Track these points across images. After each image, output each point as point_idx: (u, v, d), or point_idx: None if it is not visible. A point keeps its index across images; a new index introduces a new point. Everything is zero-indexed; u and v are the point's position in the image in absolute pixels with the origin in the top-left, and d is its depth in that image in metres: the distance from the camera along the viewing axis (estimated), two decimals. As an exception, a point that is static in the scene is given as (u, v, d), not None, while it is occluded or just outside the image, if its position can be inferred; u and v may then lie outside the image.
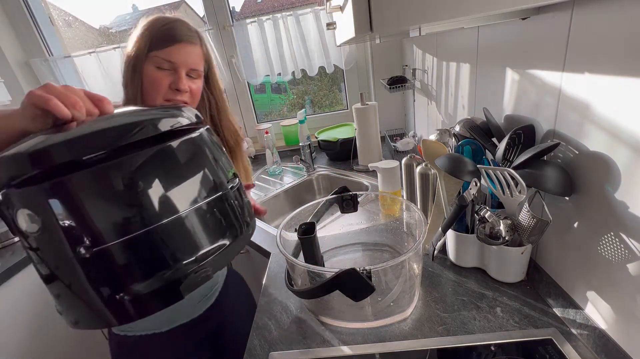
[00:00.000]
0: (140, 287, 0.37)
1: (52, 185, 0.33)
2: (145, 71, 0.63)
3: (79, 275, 0.35)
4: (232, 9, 1.64)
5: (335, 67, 1.69)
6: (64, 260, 0.35)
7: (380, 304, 0.65)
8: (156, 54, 0.62)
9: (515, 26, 0.63)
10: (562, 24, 0.51)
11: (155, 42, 0.61)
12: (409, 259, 0.63)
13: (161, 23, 0.63)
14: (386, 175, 0.96)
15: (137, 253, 0.37)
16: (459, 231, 0.71)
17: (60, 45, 1.74)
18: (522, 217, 0.58)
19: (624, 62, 0.42)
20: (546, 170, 0.56)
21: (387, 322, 0.63)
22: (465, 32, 0.85)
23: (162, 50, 0.61)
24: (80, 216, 0.34)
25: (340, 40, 0.79)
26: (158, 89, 0.64)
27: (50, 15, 1.71)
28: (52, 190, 0.33)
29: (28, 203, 0.34)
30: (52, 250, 0.35)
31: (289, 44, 1.61)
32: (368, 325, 0.64)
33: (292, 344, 0.63)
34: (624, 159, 0.44)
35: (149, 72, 0.63)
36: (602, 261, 0.50)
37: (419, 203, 0.81)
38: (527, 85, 0.62)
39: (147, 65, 0.63)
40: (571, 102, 0.52)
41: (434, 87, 1.18)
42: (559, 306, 0.60)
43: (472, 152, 0.71)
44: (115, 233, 0.35)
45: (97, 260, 0.35)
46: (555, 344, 0.54)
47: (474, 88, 0.85)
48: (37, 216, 0.34)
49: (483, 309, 0.63)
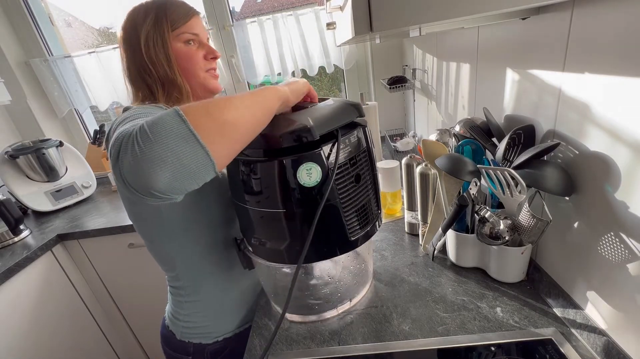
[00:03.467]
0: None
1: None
2: (177, 50, 0.64)
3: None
4: (232, 9, 1.64)
5: (335, 67, 1.69)
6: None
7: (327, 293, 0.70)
8: (181, 31, 0.63)
9: (515, 26, 0.63)
10: (562, 24, 0.51)
11: (176, 20, 0.62)
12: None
13: (168, 3, 0.63)
14: (386, 175, 0.96)
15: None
16: (459, 231, 0.71)
17: (60, 45, 1.74)
18: (522, 217, 0.58)
19: (624, 62, 0.42)
20: (546, 170, 0.56)
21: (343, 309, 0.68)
22: (465, 32, 0.85)
23: (185, 25, 0.63)
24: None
25: (340, 40, 0.79)
26: (196, 63, 0.66)
27: (50, 15, 1.71)
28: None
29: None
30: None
31: (289, 44, 1.61)
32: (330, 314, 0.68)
33: (292, 344, 0.63)
34: (624, 159, 0.44)
35: (181, 50, 0.64)
36: (602, 261, 0.50)
37: (419, 203, 0.81)
38: (527, 85, 0.62)
39: (175, 44, 0.63)
40: (571, 102, 0.52)
41: (434, 87, 1.18)
42: (559, 306, 0.60)
43: (472, 152, 0.71)
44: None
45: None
46: (555, 344, 0.54)
47: (474, 88, 0.85)
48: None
49: (483, 309, 0.63)
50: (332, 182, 0.50)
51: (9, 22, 1.60)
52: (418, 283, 0.72)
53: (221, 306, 0.73)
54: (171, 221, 0.64)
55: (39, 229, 1.35)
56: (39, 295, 1.19)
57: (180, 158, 0.36)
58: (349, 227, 0.55)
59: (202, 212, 0.65)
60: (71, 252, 1.33)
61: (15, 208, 1.28)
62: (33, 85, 1.68)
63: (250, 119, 0.42)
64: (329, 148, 0.50)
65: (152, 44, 0.61)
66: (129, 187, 0.36)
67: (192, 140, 0.36)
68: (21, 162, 1.43)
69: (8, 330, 1.08)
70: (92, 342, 1.37)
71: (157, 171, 0.35)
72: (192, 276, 0.70)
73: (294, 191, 0.50)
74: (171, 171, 0.36)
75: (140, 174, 0.35)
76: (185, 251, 0.67)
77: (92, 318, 1.38)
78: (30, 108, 1.66)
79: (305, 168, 0.49)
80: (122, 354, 1.50)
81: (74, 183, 1.56)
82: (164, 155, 0.35)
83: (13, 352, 1.09)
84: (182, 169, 0.36)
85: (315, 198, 0.51)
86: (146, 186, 0.36)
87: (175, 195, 0.38)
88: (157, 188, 0.36)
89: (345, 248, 0.57)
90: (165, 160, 0.35)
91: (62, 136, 1.82)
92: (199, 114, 0.38)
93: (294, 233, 0.54)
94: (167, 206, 0.61)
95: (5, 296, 1.08)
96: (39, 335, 1.18)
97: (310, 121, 0.47)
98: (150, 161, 0.35)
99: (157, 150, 0.35)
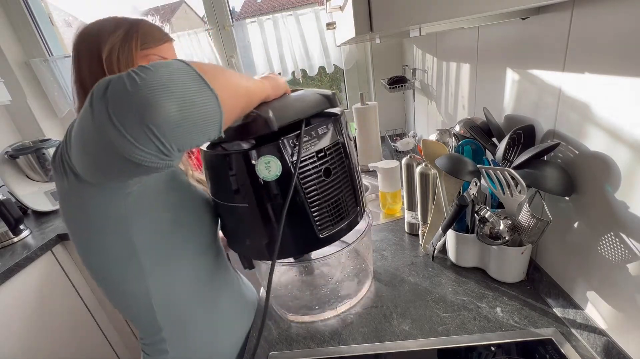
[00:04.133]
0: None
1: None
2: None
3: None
4: (232, 9, 1.64)
5: (335, 67, 1.69)
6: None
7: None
8: (151, 52, 0.59)
9: (515, 26, 0.63)
10: (562, 24, 0.51)
11: (148, 41, 0.59)
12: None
13: (143, 23, 0.60)
14: (386, 175, 0.96)
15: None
16: (459, 231, 0.71)
17: (60, 45, 1.74)
18: (522, 217, 0.58)
19: (624, 62, 0.42)
20: (546, 170, 0.56)
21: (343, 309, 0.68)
22: (465, 32, 0.85)
23: (156, 47, 0.60)
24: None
25: (340, 40, 0.79)
26: None
27: (50, 15, 1.71)
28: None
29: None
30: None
31: (289, 44, 1.61)
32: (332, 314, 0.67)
33: (292, 344, 0.63)
34: (624, 159, 0.44)
35: None
36: (602, 261, 0.50)
37: (419, 203, 0.81)
38: (527, 85, 0.62)
39: (139, 62, 0.59)
40: (571, 102, 0.52)
41: (434, 87, 1.18)
42: (559, 306, 0.60)
43: (472, 152, 0.71)
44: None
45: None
46: (555, 344, 0.54)
47: (474, 88, 0.85)
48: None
49: (483, 309, 0.63)
50: (296, 176, 0.48)
51: (9, 22, 1.60)
52: (418, 283, 0.72)
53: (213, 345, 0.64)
54: (149, 231, 0.51)
55: (39, 229, 1.35)
56: (39, 295, 1.19)
57: (189, 93, 0.31)
58: (318, 223, 0.53)
59: (191, 214, 0.58)
60: (71, 252, 1.33)
61: (15, 208, 1.28)
62: (33, 85, 1.68)
63: (245, 91, 0.41)
64: (291, 140, 0.48)
65: (116, 57, 0.56)
66: (116, 127, 0.29)
67: (201, 81, 0.32)
68: (21, 162, 1.43)
69: (8, 330, 1.08)
70: (92, 342, 1.37)
71: (162, 98, 0.29)
72: (177, 320, 0.59)
73: (256, 185, 0.49)
74: (178, 103, 0.30)
75: (139, 101, 0.28)
76: (166, 283, 0.56)
77: (92, 318, 1.38)
78: (30, 108, 1.66)
79: (264, 161, 0.47)
80: (122, 354, 1.50)
81: (74, 183, 1.56)
82: (170, 84, 0.30)
83: (13, 352, 1.09)
84: (191, 105, 0.31)
85: (280, 192, 0.49)
86: (145, 117, 0.28)
87: (176, 146, 0.31)
88: (160, 120, 0.29)
89: (316, 245, 0.55)
90: (171, 89, 0.29)
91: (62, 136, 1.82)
92: (204, 65, 0.35)
93: (262, 228, 0.52)
94: (144, 205, 0.50)
95: (5, 296, 1.08)
96: (39, 335, 1.18)
97: (270, 112, 0.45)
98: (153, 86, 0.29)
99: (163, 77, 0.29)
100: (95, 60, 0.55)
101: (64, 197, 0.48)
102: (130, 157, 0.31)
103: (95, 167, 0.36)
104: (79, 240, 0.52)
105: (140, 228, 0.50)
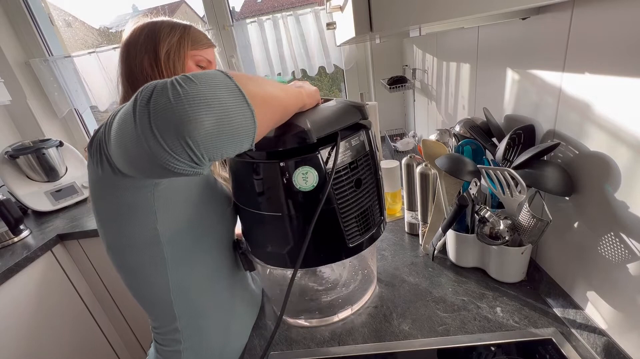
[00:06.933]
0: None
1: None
2: (189, 68, 0.69)
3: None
4: (232, 9, 1.64)
5: (335, 67, 1.69)
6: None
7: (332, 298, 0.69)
8: (198, 53, 0.69)
9: (515, 26, 0.63)
10: (562, 24, 0.51)
11: (197, 42, 0.69)
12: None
13: (194, 28, 0.70)
14: (386, 175, 0.96)
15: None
16: (459, 231, 0.71)
17: (60, 45, 1.74)
18: (522, 217, 0.58)
19: (624, 62, 0.42)
20: (546, 170, 0.56)
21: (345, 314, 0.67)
22: (465, 32, 0.85)
23: (203, 50, 0.70)
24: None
25: (340, 40, 0.79)
26: None
27: (50, 15, 1.71)
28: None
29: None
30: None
31: (289, 44, 1.61)
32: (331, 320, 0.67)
33: (292, 345, 0.63)
34: (624, 159, 0.44)
35: (192, 69, 0.69)
36: (602, 261, 0.50)
37: (419, 203, 0.81)
38: (527, 85, 0.62)
39: (188, 61, 0.69)
40: (571, 102, 0.52)
41: (434, 87, 1.18)
42: (559, 306, 0.60)
43: (472, 152, 0.71)
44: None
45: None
46: (555, 344, 0.54)
47: (474, 88, 0.85)
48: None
49: (483, 310, 0.63)
50: (330, 187, 0.49)
51: (9, 22, 1.60)
52: (418, 283, 0.72)
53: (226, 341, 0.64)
54: (174, 222, 0.53)
55: (39, 229, 1.35)
56: (39, 295, 1.19)
57: (227, 108, 0.32)
58: (347, 233, 0.54)
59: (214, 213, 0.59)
60: (71, 252, 1.33)
61: (15, 208, 1.27)
62: (33, 85, 1.68)
63: (281, 104, 0.42)
64: (327, 151, 0.49)
65: (172, 56, 0.66)
66: (156, 137, 0.31)
67: (239, 95, 0.34)
68: (21, 162, 1.43)
69: (8, 330, 1.08)
70: (92, 342, 1.37)
71: (201, 113, 0.31)
72: (193, 312, 0.60)
73: (291, 195, 0.49)
74: (216, 118, 0.31)
75: (179, 115, 0.30)
76: (186, 274, 0.57)
77: (92, 318, 1.38)
78: (30, 108, 1.66)
79: (302, 172, 0.48)
80: (122, 354, 1.50)
81: (74, 183, 1.56)
82: (210, 98, 0.31)
83: (13, 352, 1.09)
84: (228, 120, 0.32)
85: (313, 203, 0.50)
86: (184, 130, 0.30)
87: (207, 157, 0.33)
88: (196, 134, 0.31)
89: (343, 255, 0.56)
90: (210, 104, 0.31)
91: (62, 136, 1.82)
92: (243, 78, 0.36)
93: (291, 237, 0.53)
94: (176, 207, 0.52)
95: (5, 296, 1.08)
96: (39, 335, 1.18)
97: (308, 124, 0.46)
98: (194, 101, 0.31)
99: (203, 92, 0.31)
100: (150, 56, 0.65)
101: (95, 184, 0.49)
102: (164, 165, 0.33)
103: (130, 164, 0.38)
104: (105, 225, 0.53)
105: (166, 218, 0.51)
